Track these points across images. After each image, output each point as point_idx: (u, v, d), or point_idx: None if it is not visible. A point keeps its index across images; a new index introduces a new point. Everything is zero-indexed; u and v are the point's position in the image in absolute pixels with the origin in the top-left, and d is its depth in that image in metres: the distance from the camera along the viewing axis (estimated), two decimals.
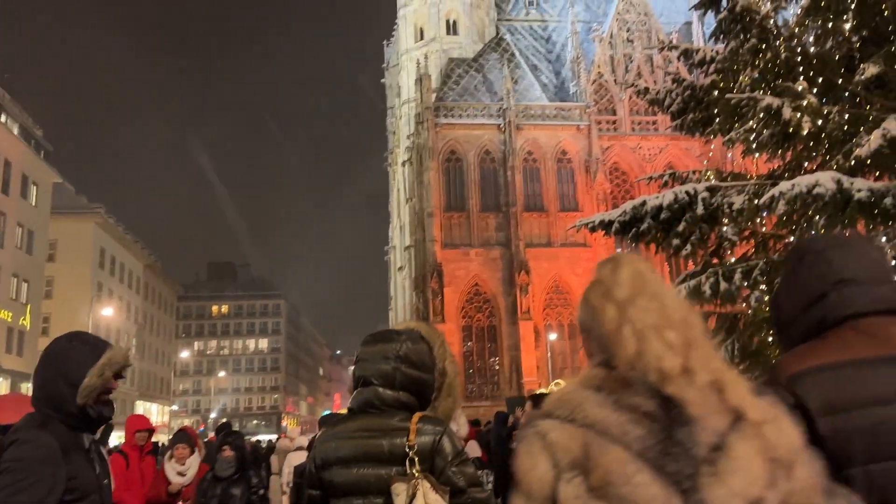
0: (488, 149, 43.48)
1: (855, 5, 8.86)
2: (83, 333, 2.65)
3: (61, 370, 2.47)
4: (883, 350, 1.58)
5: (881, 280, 1.70)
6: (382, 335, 2.42)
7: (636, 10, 48.12)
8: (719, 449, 1.28)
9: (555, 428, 1.33)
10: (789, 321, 1.79)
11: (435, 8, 48.00)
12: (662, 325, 1.38)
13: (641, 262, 1.57)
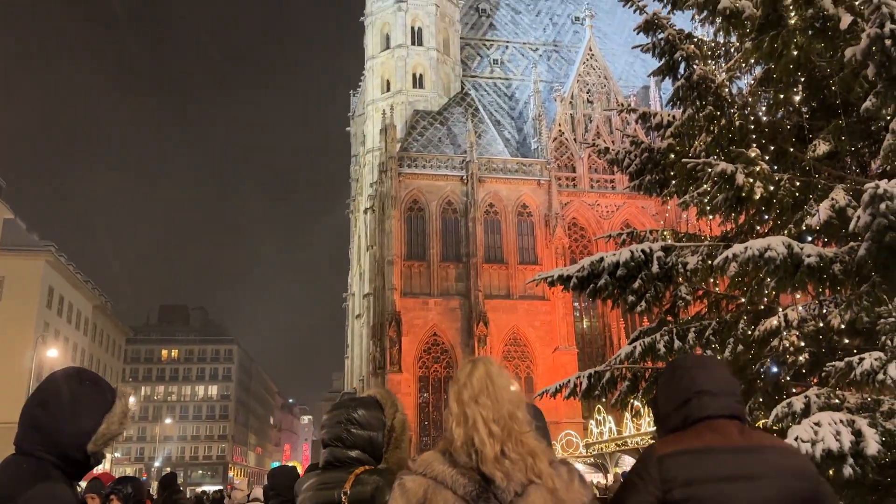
0: (450, 199, 43.88)
1: (805, 79, 9.31)
2: (87, 372, 2.39)
3: (73, 414, 2.22)
4: (725, 443, 2.26)
5: (727, 393, 2.39)
6: (338, 404, 2.87)
7: (596, 73, 49.80)
8: (520, 495, 1.91)
9: (411, 479, 1.99)
10: (665, 417, 2.42)
11: (402, 61, 48.92)
12: (491, 419, 2.00)
13: (493, 364, 2.15)
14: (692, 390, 2.35)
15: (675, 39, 11.03)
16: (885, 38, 6.81)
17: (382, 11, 50.54)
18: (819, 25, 8.67)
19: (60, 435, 2.20)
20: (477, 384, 2.06)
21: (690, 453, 2.23)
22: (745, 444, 2.27)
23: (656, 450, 2.29)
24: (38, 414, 2.22)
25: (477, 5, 56.82)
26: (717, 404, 2.33)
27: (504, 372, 2.11)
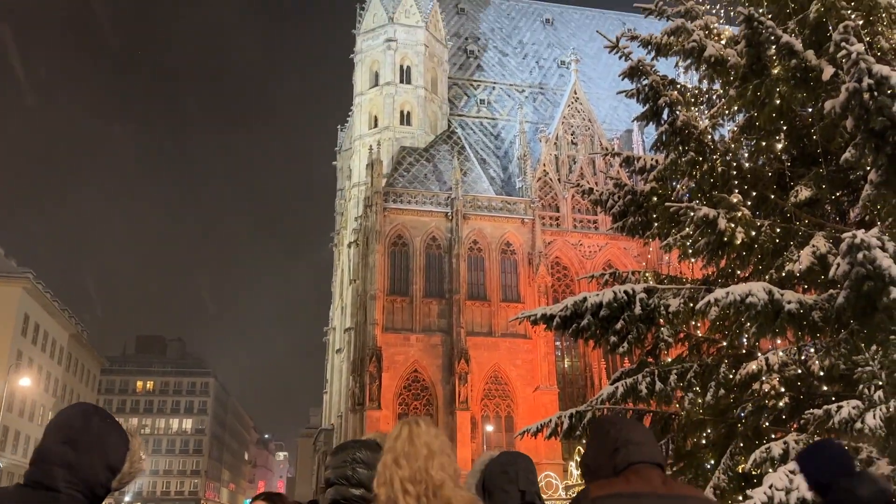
0: (435, 235, 43.97)
1: (786, 127, 9.52)
2: (102, 409, 2.43)
3: (103, 452, 2.26)
4: (652, 489, 2.53)
5: (651, 443, 2.71)
6: (342, 446, 3.10)
7: (581, 116, 50.61)
8: None
9: None
10: (596, 468, 2.69)
11: (390, 98, 49.43)
12: (408, 478, 2.29)
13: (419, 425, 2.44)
14: (620, 440, 2.64)
15: (659, 86, 11.25)
16: (864, 92, 6.99)
17: (372, 50, 51.23)
18: (801, 76, 8.90)
19: (91, 472, 2.23)
20: (399, 446, 2.37)
21: (622, 496, 2.48)
22: (668, 493, 2.54)
23: (591, 492, 2.54)
24: (67, 451, 2.23)
25: (465, 47, 57.79)
26: (643, 452, 2.62)
27: (430, 430, 2.41)
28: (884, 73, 7.00)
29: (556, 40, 61.18)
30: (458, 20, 59.82)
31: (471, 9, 61.81)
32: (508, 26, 61.55)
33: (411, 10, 51.33)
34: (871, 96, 6.99)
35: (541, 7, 64.60)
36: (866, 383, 7.27)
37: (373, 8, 52.15)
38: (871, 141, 7.20)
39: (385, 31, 50.83)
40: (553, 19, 63.46)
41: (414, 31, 50.91)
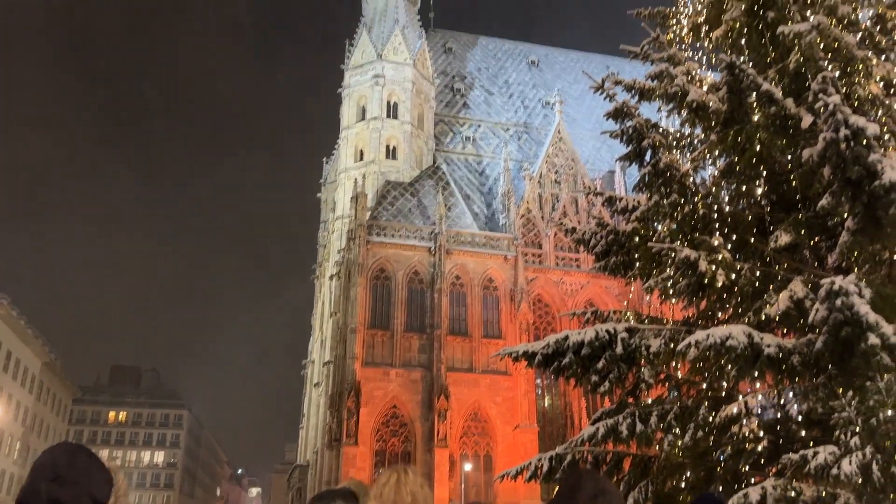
0: (417, 270, 43.92)
1: (766, 173, 9.70)
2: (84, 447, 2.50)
3: (89, 487, 2.32)
4: None
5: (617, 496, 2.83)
6: (319, 496, 3.26)
7: (564, 155, 51.25)
8: None
9: None
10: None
11: (377, 133, 49.78)
12: None
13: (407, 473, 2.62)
14: (597, 490, 2.77)
15: (643, 128, 11.46)
16: (840, 142, 7.17)
17: (360, 85, 51.74)
18: (781, 123, 9.12)
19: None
20: (386, 493, 2.56)
21: None
22: None
23: None
24: (54, 488, 2.28)
25: (452, 85, 58.57)
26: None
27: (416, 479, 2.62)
28: (860, 124, 7.19)
29: (541, 81, 62.20)
30: (446, 59, 60.74)
31: (458, 48, 62.83)
32: (495, 66, 62.56)
33: (399, 48, 52.07)
34: (848, 146, 7.17)
35: (526, 49, 65.83)
36: (843, 429, 7.30)
37: (362, 45, 52.84)
38: (847, 189, 7.35)
39: (373, 67, 51.44)
40: (538, 61, 64.62)
41: (402, 68, 51.56)
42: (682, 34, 12.62)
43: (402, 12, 54.26)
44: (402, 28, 52.91)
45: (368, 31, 53.28)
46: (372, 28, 53.61)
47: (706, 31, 11.94)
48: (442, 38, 62.83)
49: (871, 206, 7.22)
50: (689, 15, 12.42)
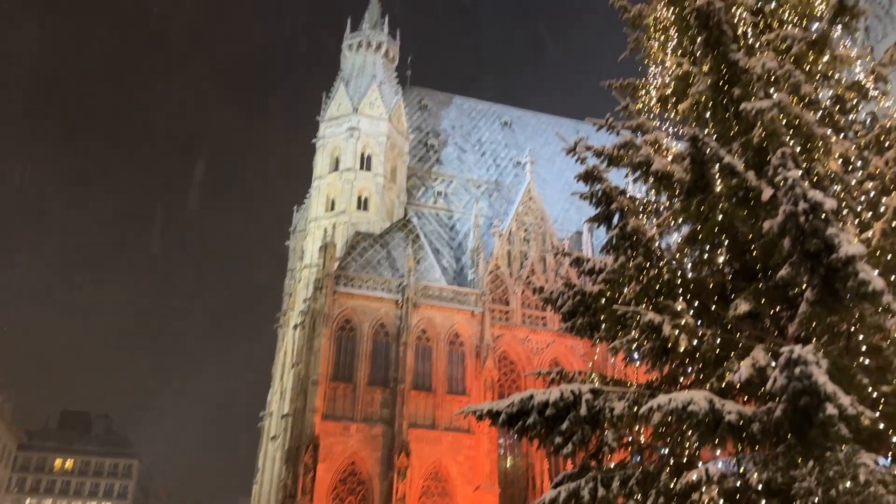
0: (384, 322, 43.57)
1: (728, 242, 9.95)
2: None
3: None
4: None
5: None
6: None
7: (534, 214, 51.98)
8: None
9: None
10: None
11: (349, 184, 50.03)
12: None
13: None
14: None
15: (611, 192, 11.72)
16: (800, 216, 7.41)
17: (335, 136, 52.25)
18: (743, 195, 9.40)
19: None
20: None
21: None
22: None
23: None
24: None
25: (426, 141, 59.49)
26: None
27: None
28: (818, 198, 7.45)
29: (513, 142, 63.53)
30: (421, 115, 61.84)
31: (433, 106, 64.08)
32: (468, 125, 63.84)
33: (376, 103, 52.94)
34: (807, 219, 7.41)
35: (500, 110, 67.42)
36: (803, 499, 7.31)
37: (339, 98, 53.61)
38: (806, 261, 7.56)
39: (349, 119, 52.09)
40: (511, 122, 66.14)
41: (377, 122, 52.31)
42: (650, 105, 13.08)
43: (379, 69, 55.38)
44: (379, 84, 53.91)
45: (346, 85, 54.16)
46: (349, 82, 54.53)
47: (673, 103, 12.39)
48: (418, 95, 64.11)
49: (829, 279, 7.43)
50: (658, 87, 12.89)
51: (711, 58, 10.91)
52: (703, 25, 10.69)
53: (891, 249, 8.72)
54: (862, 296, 7.25)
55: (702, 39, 10.84)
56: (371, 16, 58.84)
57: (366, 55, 55.89)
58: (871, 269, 7.30)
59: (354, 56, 56.32)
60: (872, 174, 9.90)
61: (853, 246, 7.31)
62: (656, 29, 13.43)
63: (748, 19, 11.63)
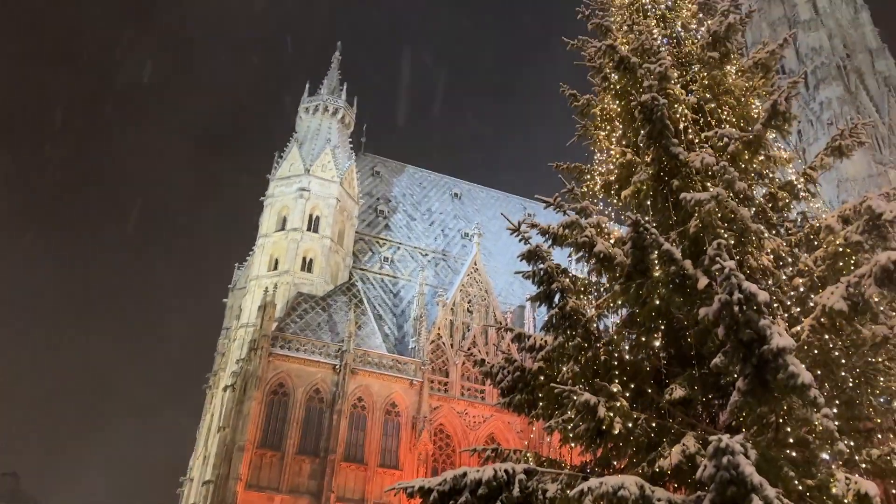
0: (319, 388, 42.43)
1: (665, 327, 10.15)
2: None
3: None
4: None
5: None
6: None
7: (479, 286, 52.31)
8: None
9: None
10: None
11: (295, 244, 49.55)
12: None
13: None
14: None
15: (553, 272, 11.91)
16: (734, 305, 7.63)
17: (284, 196, 52.05)
18: (680, 282, 9.66)
19: None
20: None
21: None
22: None
23: None
24: None
25: (376, 206, 59.88)
26: None
27: None
28: (752, 290, 7.71)
29: (462, 213, 64.53)
30: (373, 182, 62.47)
31: (386, 173, 64.90)
32: (419, 194, 64.71)
33: (328, 166, 53.25)
34: (741, 309, 7.63)
35: (451, 182, 68.73)
36: None
37: (291, 158, 53.75)
38: (739, 350, 7.74)
39: (300, 180, 52.10)
40: (461, 194, 67.36)
41: (328, 184, 52.47)
42: (594, 189, 13.51)
43: (335, 133, 56.02)
44: (333, 147, 54.41)
45: (300, 147, 54.43)
46: (304, 144, 54.85)
47: (616, 189, 12.83)
48: (371, 161, 64.91)
49: (760, 370, 7.61)
50: (602, 173, 13.36)
51: (654, 150, 11.40)
52: (646, 119, 11.20)
53: (818, 345, 9.04)
54: (791, 388, 7.43)
55: (645, 132, 11.34)
56: (330, 81, 59.90)
57: (322, 119, 56.55)
58: (799, 363, 7.52)
59: (311, 119, 56.91)
60: (802, 271, 10.35)
61: (784, 338, 7.54)
62: (603, 119, 14.03)
63: (689, 116, 12.27)
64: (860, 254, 9.73)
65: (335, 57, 61.55)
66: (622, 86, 13.15)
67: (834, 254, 10.03)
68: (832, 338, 9.05)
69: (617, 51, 12.81)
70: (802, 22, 78.45)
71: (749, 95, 12.99)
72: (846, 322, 8.28)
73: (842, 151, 12.09)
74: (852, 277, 8.24)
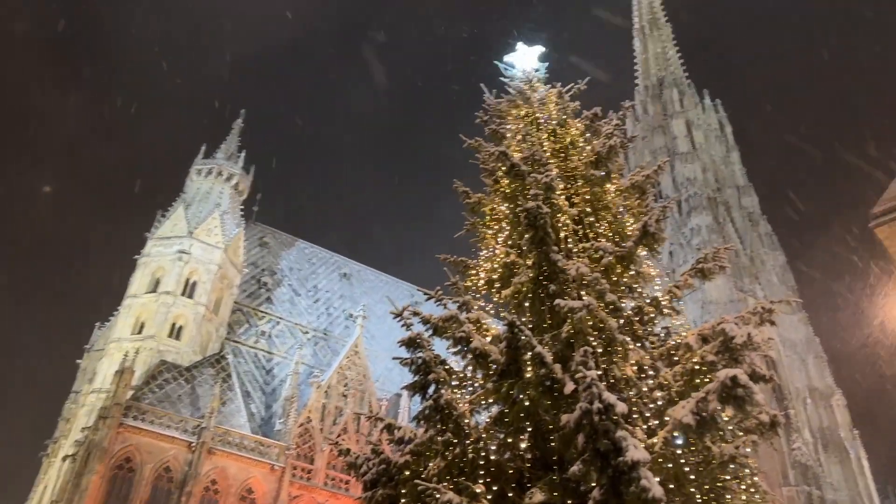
0: (170, 466, 39.30)
1: (532, 429, 10.22)
2: None
3: None
4: None
5: None
6: None
7: (357, 370, 51.22)
8: None
9: None
10: None
11: (165, 308, 46.94)
12: None
13: None
14: None
15: (432, 362, 11.85)
16: (594, 414, 7.83)
17: (161, 256, 49.64)
18: (549, 385, 9.84)
19: None
20: None
21: None
22: None
23: None
24: None
25: (260, 277, 58.16)
26: None
27: None
28: (611, 400, 7.95)
29: (349, 294, 63.81)
30: (260, 251, 60.93)
31: (275, 245, 63.58)
32: (307, 269, 63.62)
33: (214, 231, 51.57)
34: (600, 419, 7.82)
35: (341, 261, 68.18)
36: None
37: (175, 218, 51.71)
38: (596, 460, 7.88)
39: (182, 242, 50.01)
40: (350, 275, 66.84)
41: (212, 250, 50.64)
42: (478, 285, 13.78)
43: (226, 199, 54.67)
44: (222, 213, 52.96)
45: (186, 208, 52.58)
46: (191, 205, 53.06)
47: (498, 287, 13.14)
48: (261, 231, 63.55)
49: (615, 481, 7.75)
50: (487, 270, 13.69)
51: (535, 254, 11.85)
52: (531, 225, 11.69)
53: (671, 458, 9.38)
54: (643, 502, 7.59)
55: (529, 237, 11.82)
56: (228, 146, 58.99)
57: (214, 183, 55.20)
58: (652, 477, 7.73)
59: (202, 181, 55.40)
60: (662, 384, 10.83)
61: (639, 451, 7.76)
62: (492, 218, 14.52)
63: (570, 227, 12.93)
64: (714, 373, 10.34)
65: (237, 123, 61.01)
66: (511, 190, 13.74)
67: (691, 370, 10.60)
68: (684, 452, 9.42)
69: (509, 157, 13.44)
70: (681, 154, 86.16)
71: (625, 214, 13.91)
72: (696, 437, 8.68)
73: (704, 274, 13.03)
74: (701, 393, 8.71)
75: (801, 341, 73.49)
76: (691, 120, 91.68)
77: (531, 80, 17.37)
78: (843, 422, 67.62)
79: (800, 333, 74.24)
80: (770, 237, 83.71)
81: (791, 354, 71.76)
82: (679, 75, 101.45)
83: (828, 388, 70.47)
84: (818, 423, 66.89)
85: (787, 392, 68.12)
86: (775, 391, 66.10)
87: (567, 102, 16.34)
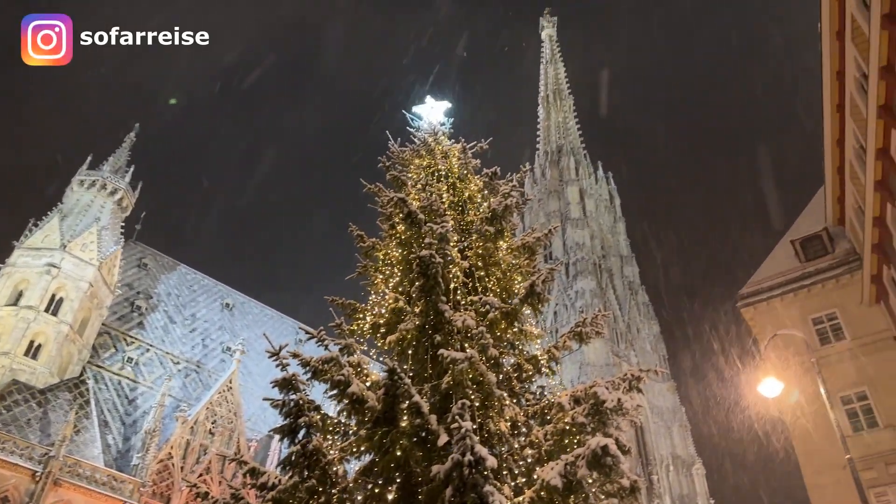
0: (8, 497, 35.65)
1: (401, 481, 10.06)
2: None
3: None
4: None
5: None
6: None
7: (229, 407, 48.92)
8: None
9: None
10: None
11: (25, 323, 43.24)
12: None
13: None
14: None
15: (304, 405, 11.49)
16: (464, 467, 7.81)
17: (27, 268, 45.94)
18: (423, 436, 9.76)
19: None
20: None
21: None
22: None
23: None
24: None
25: (134, 301, 54.91)
26: None
27: None
28: (483, 454, 7.97)
29: (229, 326, 61.31)
30: (137, 273, 57.71)
31: (155, 268, 60.46)
32: (187, 297, 60.72)
33: (90, 246, 48.40)
34: (470, 472, 7.81)
35: (225, 291, 65.58)
36: None
37: (48, 229, 48.20)
38: None
39: (52, 254, 46.59)
40: (233, 306, 64.36)
41: (85, 266, 47.41)
42: (364, 328, 13.61)
43: (107, 214, 51.61)
44: (101, 228, 49.90)
45: (62, 219, 49.19)
46: (67, 217, 49.70)
47: (384, 332, 13.04)
48: (142, 252, 60.35)
49: None
50: (374, 315, 13.57)
51: (424, 302, 11.90)
52: (422, 273, 11.76)
53: None
54: None
55: (419, 284, 11.86)
56: (117, 159, 56.03)
57: (96, 196, 52.09)
58: None
59: (83, 193, 52.16)
60: (533, 442, 11.00)
61: None
62: (384, 263, 14.50)
63: (461, 279, 13.10)
64: (583, 434, 10.62)
65: (129, 137, 58.14)
66: (407, 237, 13.81)
67: (562, 431, 10.84)
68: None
69: (407, 204, 13.55)
70: (572, 219, 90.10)
71: (514, 272, 14.27)
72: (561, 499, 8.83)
73: (582, 337, 13.48)
74: (570, 457, 8.91)
75: (668, 409, 77.33)
76: (584, 188, 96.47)
77: (436, 133, 17.75)
78: (701, 491, 71.17)
79: (667, 401, 78.17)
80: (647, 307, 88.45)
81: (658, 421, 75.25)
82: (577, 145, 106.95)
83: (689, 457, 74.20)
84: (679, 491, 70.06)
85: (653, 458, 71.13)
86: (641, 456, 68.84)
87: (469, 158, 16.77)
